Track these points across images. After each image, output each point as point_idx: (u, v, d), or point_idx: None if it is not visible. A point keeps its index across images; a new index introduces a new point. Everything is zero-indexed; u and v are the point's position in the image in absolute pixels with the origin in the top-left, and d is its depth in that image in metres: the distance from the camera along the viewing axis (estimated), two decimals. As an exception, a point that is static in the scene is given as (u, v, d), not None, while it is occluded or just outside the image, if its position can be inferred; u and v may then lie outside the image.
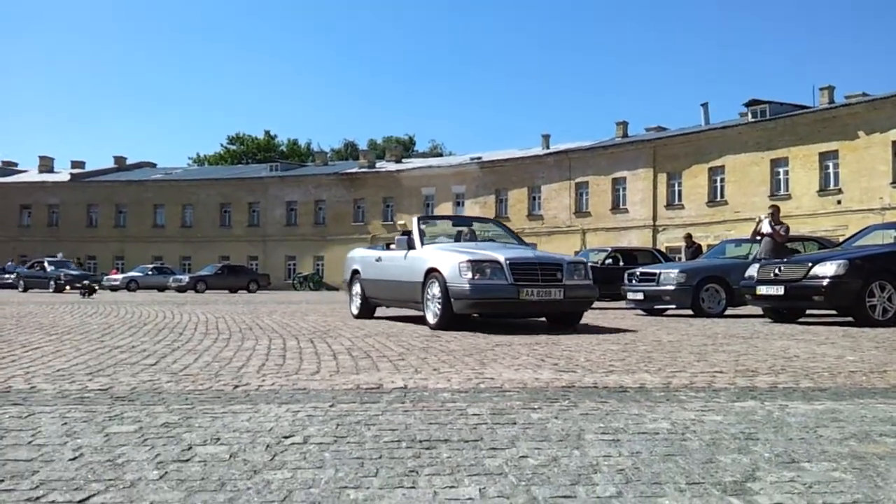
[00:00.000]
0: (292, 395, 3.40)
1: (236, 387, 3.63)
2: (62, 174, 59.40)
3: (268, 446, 2.37)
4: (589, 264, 8.88)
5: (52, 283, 28.84)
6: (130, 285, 36.40)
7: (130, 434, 2.54)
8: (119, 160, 63.64)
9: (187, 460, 2.19)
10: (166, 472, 2.06)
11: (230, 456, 2.25)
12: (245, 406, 3.09)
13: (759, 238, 12.39)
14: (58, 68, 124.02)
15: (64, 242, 51.33)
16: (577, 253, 25.34)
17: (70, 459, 2.19)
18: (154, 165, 65.58)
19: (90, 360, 4.81)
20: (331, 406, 3.10)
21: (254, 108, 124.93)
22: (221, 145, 79.08)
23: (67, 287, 23.61)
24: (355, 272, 10.56)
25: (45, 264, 32.05)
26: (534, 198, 47.22)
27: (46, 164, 61.84)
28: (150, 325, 8.36)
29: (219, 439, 2.46)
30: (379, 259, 9.85)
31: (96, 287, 29.37)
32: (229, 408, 3.04)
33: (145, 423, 2.71)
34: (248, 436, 2.52)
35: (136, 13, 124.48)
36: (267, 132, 78.99)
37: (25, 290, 29.89)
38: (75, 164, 61.26)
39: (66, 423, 2.70)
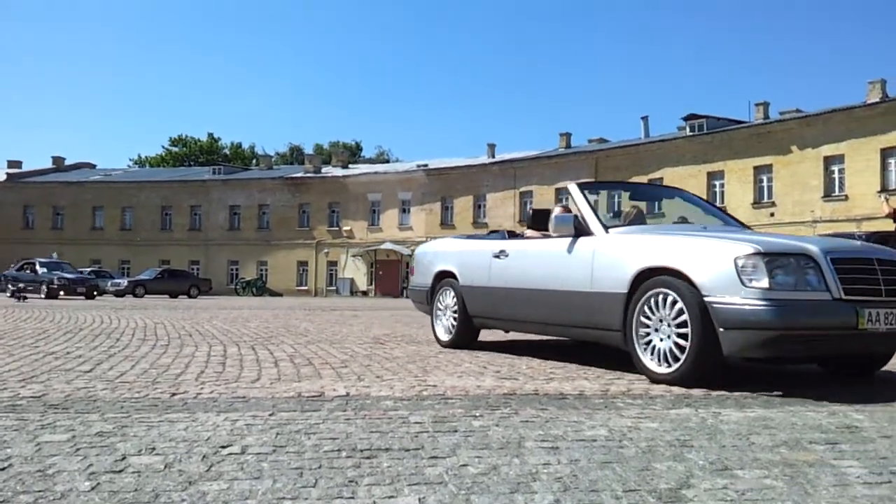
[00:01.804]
0: (231, 403, 3.35)
1: (174, 395, 3.57)
2: (-3, 174, 57.51)
3: (204, 456, 2.33)
4: None
5: (43, 287, 25.07)
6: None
7: (63, 443, 2.47)
8: (57, 160, 61.91)
9: (120, 471, 2.14)
10: (98, 483, 2.01)
11: (165, 466, 2.20)
12: (182, 415, 3.03)
13: None
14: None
15: (-3, 244, 49.69)
16: None
17: (-3, 471, 2.12)
18: (93, 166, 63.96)
19: (23, 366, 4.67)
20: (270, 415, 3.06)
21: (197, 109, 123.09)
22: (163, 147, 77.41)
23: (62, 292, 20.56)
24: (444, 275, 6.65)
25: (37, 266, 28.05)
26: (479, 206, 47.55)
27: (-19, 164, 59.80)
28: (86, 331, 8.14)
29: (154, 449, 2.41)
30: (502, 253, 5.88)
31: (95, 293, 27.21)
32: (166, 416, 2.98)
33: (78, 432, 2.64)
34: (185, 445, 2.47)
35: (76, 11, 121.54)
36: (210, 134, 77.55)
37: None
38: (12, 164, 59.30)
39: (-7, 433, 2.62)
